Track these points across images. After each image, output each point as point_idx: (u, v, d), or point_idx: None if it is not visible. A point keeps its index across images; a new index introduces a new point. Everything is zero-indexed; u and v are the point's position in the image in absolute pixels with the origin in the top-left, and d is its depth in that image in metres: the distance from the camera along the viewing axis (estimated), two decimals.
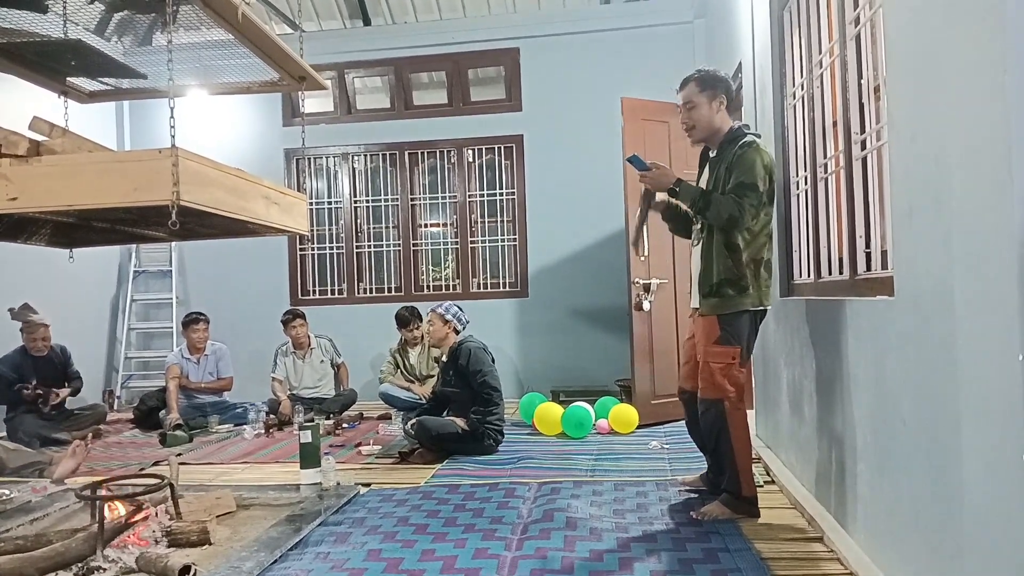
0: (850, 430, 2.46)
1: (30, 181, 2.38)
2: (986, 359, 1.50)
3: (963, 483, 1.60)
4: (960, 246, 1.60)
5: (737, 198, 2.77)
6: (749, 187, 2.77)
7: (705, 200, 2.83)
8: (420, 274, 7.14)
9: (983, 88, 1.48)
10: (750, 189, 2.77)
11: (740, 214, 2.75)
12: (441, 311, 4.53)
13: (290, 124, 7.09)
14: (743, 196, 2.76)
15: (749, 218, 2.77)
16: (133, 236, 3.49)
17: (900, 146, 1.97)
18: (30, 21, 2.85)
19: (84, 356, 5.89)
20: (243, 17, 2.73)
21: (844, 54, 2.62)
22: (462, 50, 6.90)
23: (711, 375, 2.87)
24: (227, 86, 3.60)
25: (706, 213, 2.84)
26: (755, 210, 2.78)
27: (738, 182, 2.79)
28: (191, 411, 5.56)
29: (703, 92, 2.95)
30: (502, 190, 7.00)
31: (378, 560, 2.53)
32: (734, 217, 2.76)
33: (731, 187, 2.81)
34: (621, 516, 2.97)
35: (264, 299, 6.96)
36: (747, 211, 2.75)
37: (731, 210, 2.76)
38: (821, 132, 3.02)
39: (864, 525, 2.35)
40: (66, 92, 3.41)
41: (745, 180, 2.78)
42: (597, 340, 6.62)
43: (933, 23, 1.72)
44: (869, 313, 2.26)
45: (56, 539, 2.62)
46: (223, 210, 2.59)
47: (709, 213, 2.82)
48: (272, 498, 3.36)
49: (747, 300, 2.83)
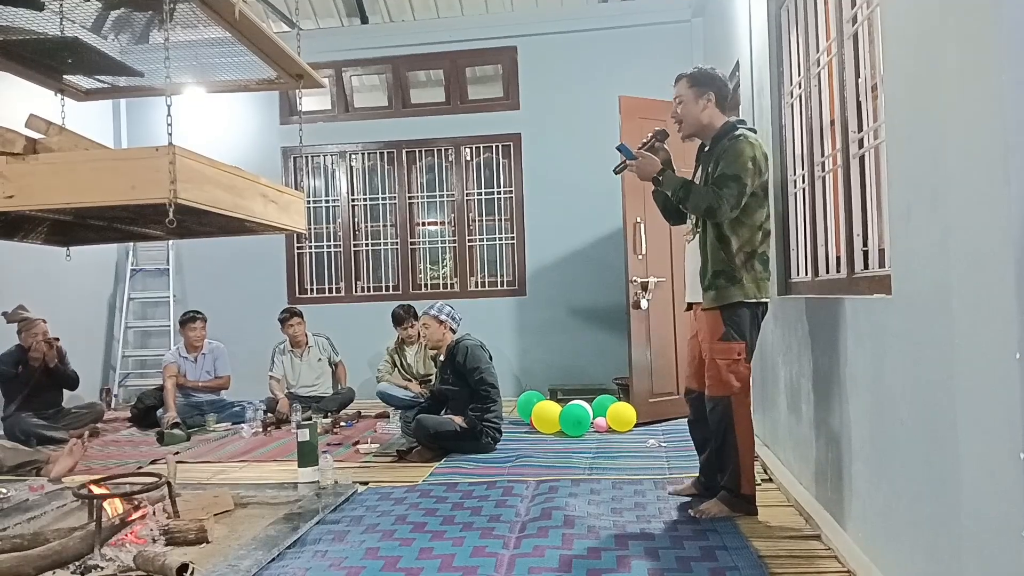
0: (848, 428, 2.46)
1: (27, 179, 2.38)
2: (983, 357, 1.50)
3: (960, 481, 1.61)
4: (957, 244, 1.60)
5: (716, 189, 2.80)
6: (730, 178, 2.79)
7: (685, 190, 2.90)
8: (418, 273, 7.14)
9: (980, 87, 1.48)
10: (731, 180, 2.79)
11: (718, 205, 2.78)
12: (434, 312, 4.49)
13: (287, 122, 7.08)
14: (722, 187, 2.79)
15: (728, 209, 2.79)
16: (130, 234, 3.49)
17: (897, 145, 1.97)
18: (27, 18, 2.84)
19: (81, 354, 5.88)
20: (240, 15, 2.73)
21: (842, 53, 2.62)
22: (460, 48, 6.89)
23: (718, 372, 2.88)
24: (224, 84, 3.60)
25: (686, 203, 2.92)
26: (735, 201, 2.79)
27: (720, 173, 2.83)
28: (189, 410, 5.55)
29: (692, 88, 3.00)
30: (500, 188, 7.00)
31: (376, 558, 2.53)
32: (712, 208, 2.80)
33: (714, 178, 2.85)
34: (619, 514, 2.98)
35: (261, 297, 6.95)
36: (725, 202, 2.77)
37: (709, 201, 2.80)
38: (819, 131, 3.03)
39: (862, 523, 2.35)
40: (63, 90, 3.40)
41: (727, 172, 2.81)
42: (595, 339, 6.63)
43: (930, 22, 1.72)
44: (867, 311, 2.26)
45: (53, 538, 2.62)
46: (220, 208, 2.59)
47: (689, 203, 2.90)
48: (270, 496, 3.36)
49: (741, 291, 2.84)
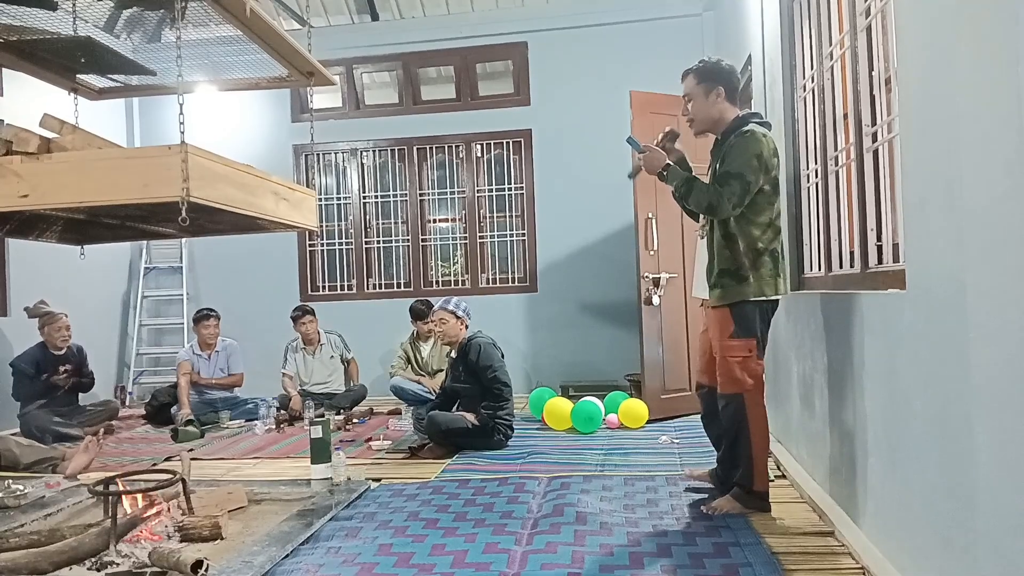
0: (861, 424, 2.44)
1: (41, 178, 2.40)
2: (999, 352, 1.49)
3: (976, 477, 1.59)
4: (972, 238, 1.58)
5: (718, 186, 2.77)
6: (733, 176, 2.75)
7: (687, 187, 2.86)
8: (429, 269, 7.15)
9: (995, 79, 1.46)
10: (734, 178, 2.75)
11: (718, 202, 2.75)
12: (452, 308, 4.45)
13: (299, 120, 7.10)
14: (724, 184, 2.76)
15: (729, 206, 2.75)
16: (143, 232, 3.51)
17: (911, 138, 1.95)
18: (40, 18, 2.86)
19: (96, 352, 5.93)
20: (251, 13, 2.73)
21: (855, 46, 2.60)
22: (470, 44, 6.88)
23: (730, 369, 2.85)
24: (236, 82, 3.61)
25: (687, 200, 2.89)
26: (737, 198, 2.75)
27: (724, 171, 2.79)
28: (202, 407, 5.59)
29: (700, 84, 2.95)
30: (511, 185, 7.00)
31: (389, 555, 2.54)
32: (712, 205, 2.77)
33: (717, 175, 2.82)
34: (631, 511, 2.97)
35: (274, 295, 6.99)
36: (726, 199, 2.74)
37: (709, 198, 2.78)
38: (832, 124, 3.00)
39: (875, 519, 2.34)
40: (76, 89, 3.43)
41: (730, 169, 2.77)
42: (606, 335, 6.61)
43: (945, 13, 1.70)
44: (881, 306, 2.24)
45: (70, 534, 2.64)
46: (233, 206, 2.60)
47: (690, 200, 2.87)
48: (283, 493, 3.38)
49: (747, 290, 2.81)
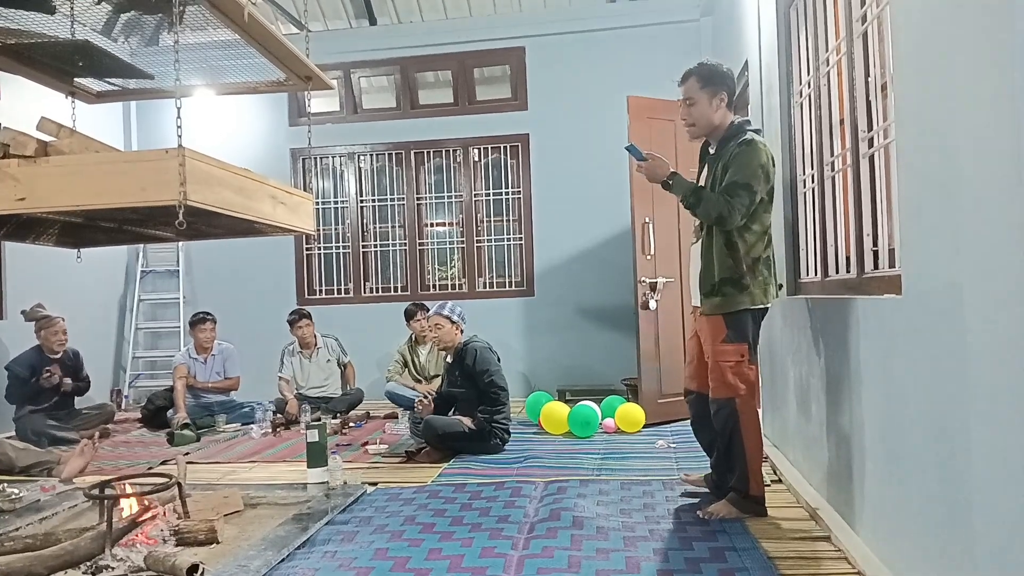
0: (858, 429, 2.45)
1: (38, 181, 2.40)
2: (995, 357, 1.49)
3: (972, 482, 1.59)
4: (969, 244, 1.59)
5: (728, 197, 2.75)
6: (742, 187, 2.75)
7: (696, 196, 2.84)
8: (426, 273, 7.15)
9: (991, 84, 1.47)
10: (742, 188, 2.74)
11: (729, 213, 2.74)
12: (447, 312, 4.43)
13: (296, 124, 7.11)
14: (734, 195, 2.74)
15: (739, 217, 2.75)
16: (140, 236, 3.51)
17: (908, 143, 1.96)
18: (38, 22, 2.86)
19: (92, 356, 5.91)
20: (249, 17, 2.74)
21: (851, 51, 2.61)
22: (468, 49, 6.90)
23: (722, 374, 2.85)
24: (233, 86, 3.61)
25: (696, 210, 2.85)
26: (746, 209, 2.76)
27: (731, 181, 2.78)
28: (198, 410, 5.57)
29: (703, 88, 2.92)
30: (508, 189, 7.00)
31: (385, 559, 2.53)
32: (723, 216, 2.76)
33: (724, 186, 2.80)
34: (628, 515, 2.97)
35: (271, 298, 6.98)
36: (736, 211, 2.74)
37: (720, 209, 2.75)
38: (828, 130, 3.01)
39: (872, 524, 2.34)
40: (73, 93, 3.43)
41: (739, 179, 2.76)
42: (603, 339, 6.61)
43: (941, 19, 1.71)
44: (877, 312, 2.25)
45: (65, 538, 2.63)
46: (230, 210, 2.60)
47: (699, 210, 2.84)
48: (279, 497, 3.37)
49: (747, 298, 2.82)
